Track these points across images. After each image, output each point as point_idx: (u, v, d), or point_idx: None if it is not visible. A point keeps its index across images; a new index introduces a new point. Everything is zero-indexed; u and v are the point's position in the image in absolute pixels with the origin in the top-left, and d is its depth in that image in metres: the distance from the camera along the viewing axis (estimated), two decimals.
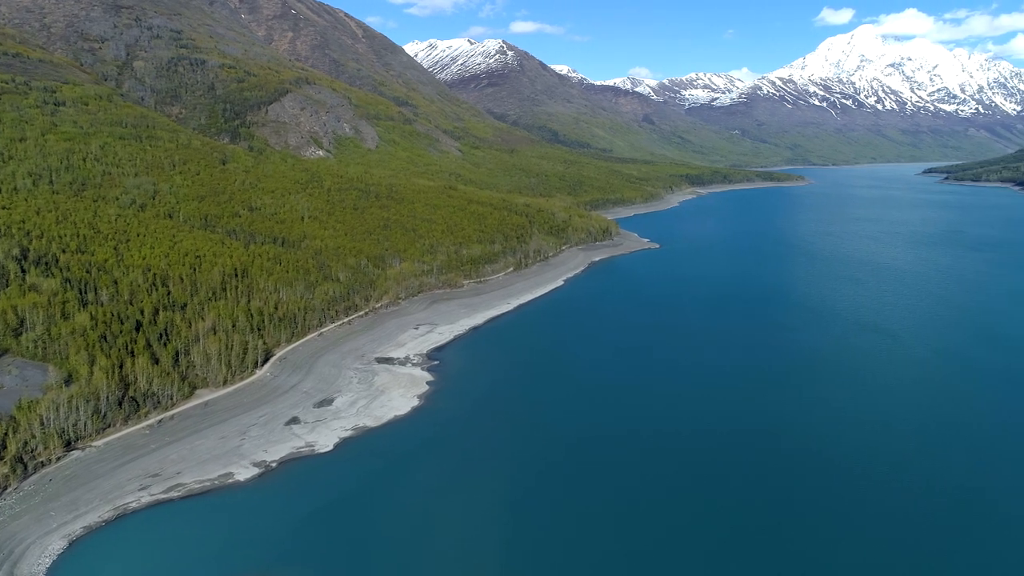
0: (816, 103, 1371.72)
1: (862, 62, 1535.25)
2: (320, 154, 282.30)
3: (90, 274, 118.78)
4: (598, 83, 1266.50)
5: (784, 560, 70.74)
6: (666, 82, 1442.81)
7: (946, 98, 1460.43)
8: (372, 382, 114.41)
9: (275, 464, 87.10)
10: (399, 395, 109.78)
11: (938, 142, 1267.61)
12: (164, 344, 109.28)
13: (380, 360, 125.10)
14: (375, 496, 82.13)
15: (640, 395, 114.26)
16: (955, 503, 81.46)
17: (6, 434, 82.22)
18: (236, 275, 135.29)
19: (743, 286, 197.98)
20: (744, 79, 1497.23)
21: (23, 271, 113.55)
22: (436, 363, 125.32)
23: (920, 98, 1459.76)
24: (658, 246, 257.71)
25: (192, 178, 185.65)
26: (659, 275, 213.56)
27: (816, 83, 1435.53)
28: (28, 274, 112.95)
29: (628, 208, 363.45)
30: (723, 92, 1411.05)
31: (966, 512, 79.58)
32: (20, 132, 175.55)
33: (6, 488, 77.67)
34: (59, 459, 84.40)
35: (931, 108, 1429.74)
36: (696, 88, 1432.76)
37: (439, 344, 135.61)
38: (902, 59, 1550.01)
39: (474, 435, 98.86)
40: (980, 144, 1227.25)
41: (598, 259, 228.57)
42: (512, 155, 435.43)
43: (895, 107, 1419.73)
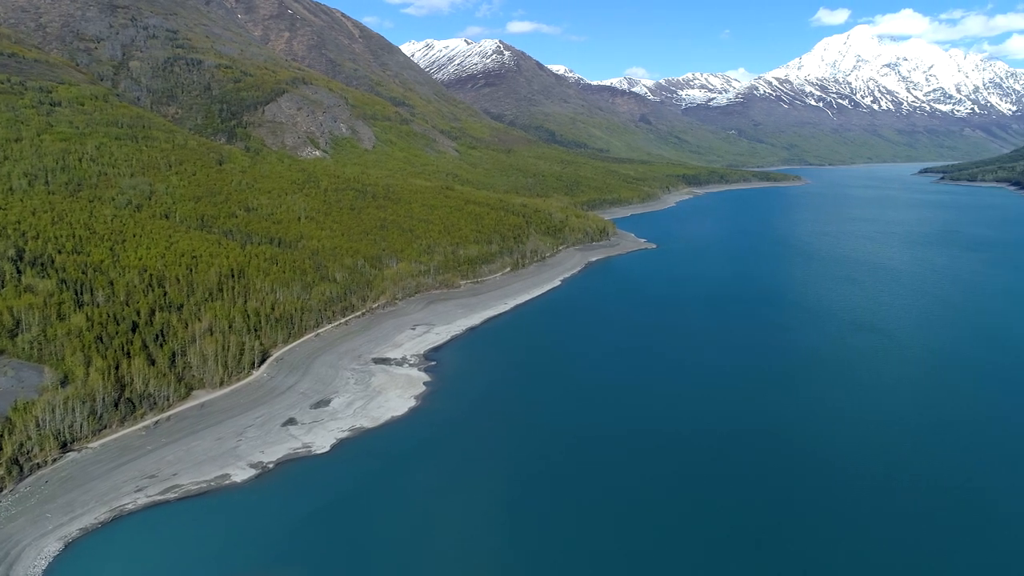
0: (812, 103, 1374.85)
1: (858, 62, 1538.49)
2: (317, 154, 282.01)
3: (86, 275, 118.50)
4: (595, 83, 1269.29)
5: (783, 560, 70.82)
6: (663, 82, 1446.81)
7: (942, 98, 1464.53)
8: (369, 383, 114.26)
9: (272, 465, 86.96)
10: (396, 396, 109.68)
11: (934, 142, 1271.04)
12: (160, 345, 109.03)
13: (377, 361, 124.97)
14: (372, 497, 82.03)
15: (638, 395, 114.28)
16: (953, 502, 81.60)
17: (1, 436, 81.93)
18: (233, 276, 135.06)
19: (740, 286, 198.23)
20: (741, 79, 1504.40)
21: (19, 272, 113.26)
22: (433, 364, 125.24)
23: (916, 98, 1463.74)
24: (655, 246, 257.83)
25: (188, 179, 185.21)
26: (656, 275, 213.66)
27: (812, 83, 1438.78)
28: (24, 275, 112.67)
29: (625, 208, 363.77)
30: (720, 92, 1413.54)
31: (964, 511, 79.68)
32: (16, 132, 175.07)
33: (1, 490, 77.42)
34: (55, 461, 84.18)
35: (927, 108, 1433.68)
36: (693, 88, 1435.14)
37: (436, 344, 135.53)
38: (898, 59, 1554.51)
39: (471, 436, 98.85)
40: (976, 144, 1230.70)
41: (595, 259, 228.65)
42: (509, 155, 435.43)
43: (891, 107, 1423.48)
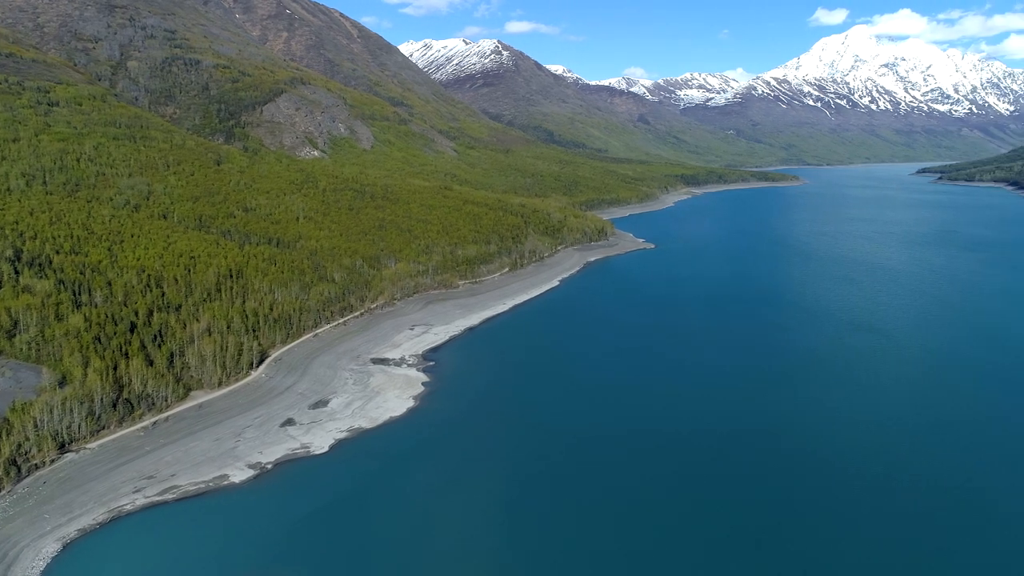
0: (810, 103, 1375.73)
1: (856, 62, 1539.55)
2: (315, 154, 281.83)
3: (84, 275, 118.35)
4: (593, 83, 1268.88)
5: (783, 560, 70.88)
6: (661, 82, 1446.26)
7: (940, 98, 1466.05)
8: (367, 383, 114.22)
9: (270, 466, 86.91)
10: (395, 396, 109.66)
11: (932, 142, 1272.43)
12: (159, 346, 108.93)
13: (375, 361, 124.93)
14: (371, 497, 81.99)
15: (637, 395, 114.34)
16: (953, 502, 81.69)
17: None
18: (231, 276, 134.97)
19: (739, 286, 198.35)
20: (739, 79, 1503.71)
21: (16, 272, 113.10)
22: (432, 364, 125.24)
23: (914, 98, 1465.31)
24: (653, 246, 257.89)
25: (186, 179, 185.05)
26: (655, 275, 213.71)
27: (810, 83, 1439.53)
28: (21, 275, 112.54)
29: (623, 208, 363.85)
30: (718, 92, 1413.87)
31: (964, 511, 79.77)
32: (13, 132, 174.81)
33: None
34: (53, 461, 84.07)
35: (925, 108, 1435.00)
36: (691, 88, 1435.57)
37: (435, 345, 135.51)
38: (896, 59, 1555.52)
39: (470, 436, 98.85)
40: (974, 144, 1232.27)
41: (594, 259, 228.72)
42: (507, 155, 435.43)
43: (889, 107, 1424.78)
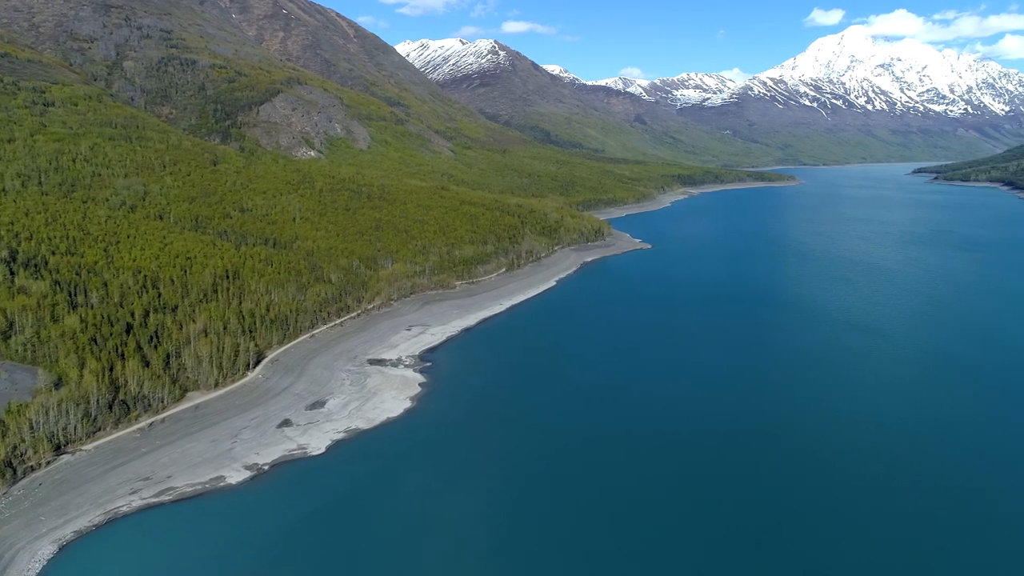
0: (807, 103, 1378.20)
1: (852, 62, 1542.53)
2: (312, 155, 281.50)
3: (80, 276, 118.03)
4: (590, 83, 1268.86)
5: (783, 560, 70.97)
6: (657, 82, 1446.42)
7: (935, 98, 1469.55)
8: (364, 384, 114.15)
9: (267, 467, 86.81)
10: (391, 397, 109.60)
11: (928, 142, 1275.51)
12: (155, 347, 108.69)
13: (372, 362, 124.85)
14: (368, 499, 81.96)
15: (634, 395, 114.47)
16: (952, 502, 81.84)
17: None
18: (227, 277, 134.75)
19: (735, 286, 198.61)
20: (735, 79, 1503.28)
21: (12, 273, 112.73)
22: (428, 364, 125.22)
23: (910, 98, 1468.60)
24: (650, 246, 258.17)
25: (183, 179, 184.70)
26: (651, 275, 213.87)
27: (807, 83, 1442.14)
28: (17, 276, 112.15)
29: (620, 208, 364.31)
30: (714, 92, 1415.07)
31: (963, 511, 79.96)
32: (9, 133, 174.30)
33: None
34: (49, 463, 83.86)
35: (920, 108, 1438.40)
36: (687, 88, 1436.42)
37: (431, 345, 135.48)
38: (892, 60, 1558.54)
39: (467, 436, 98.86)
40: (969, 144, 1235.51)
41: (590, 259, 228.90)
42: (504, 155, 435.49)
43: (885, 107, 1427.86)
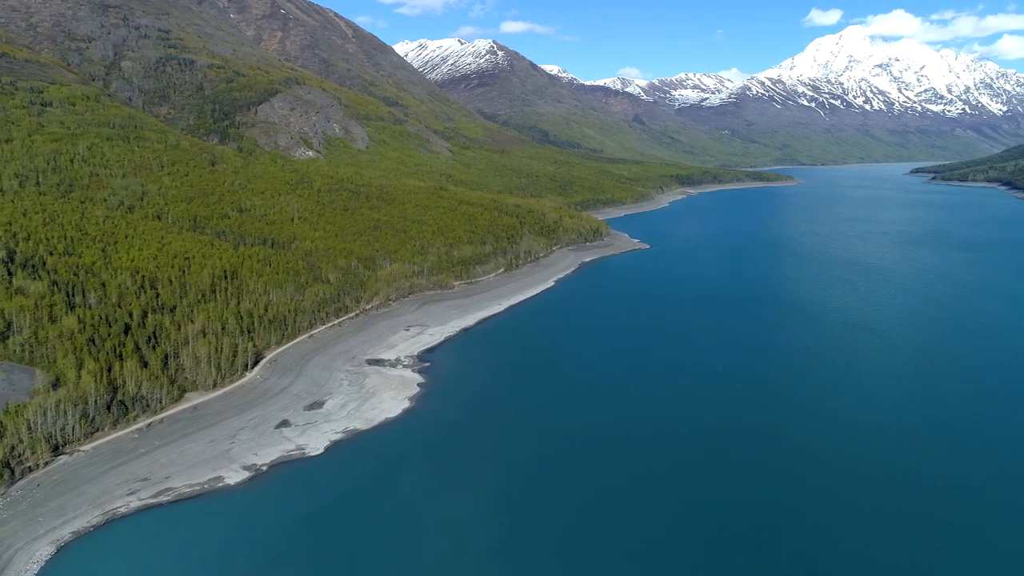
0: (805, 103, 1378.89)
1: (850, 63, 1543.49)
2: (310, 155, 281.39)
3: (78, 276, 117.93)
4: (588, 83, 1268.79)
5: (783, 560, 71.06)
6: (656, 82, 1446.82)
7: (933, 98, 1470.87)
8: (363, 384, 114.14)
9: (265, 467, 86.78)
10: (390, 397, 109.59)
11: (925, 142, 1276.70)
12: (153, 347, 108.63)
13: (371, 362, 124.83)
14: (366, 499, 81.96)
15: (633, 395, 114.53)
16: (952, 501, 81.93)
17: None
18: (226, 277, 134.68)
19: (734, 286, 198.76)
20: (733, 79, 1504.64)
21: (10, 274, 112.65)
22: (427, 365, 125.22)
23: (908, 98, 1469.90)
24: (648, 246, 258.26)
25: (181, 179, 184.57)
26: (650, 275, 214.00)
27: (805, 83, 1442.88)
28: (15, 277, 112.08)
29: (618, 208, 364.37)
30: (713, 92, 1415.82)
31: (963, 510, 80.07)
32: (6, 133, 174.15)
33: None
34: (47, 464, 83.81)
35: (918, 108, 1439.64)
36: (686, 88, 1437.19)
37: (430, 346, 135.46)
38: (890, 60, 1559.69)
39: (465, 437, 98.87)
40: (967, 144, 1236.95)
41: (589, 260, 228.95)
42: (502, 155, 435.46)
43: (883, 107, 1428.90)
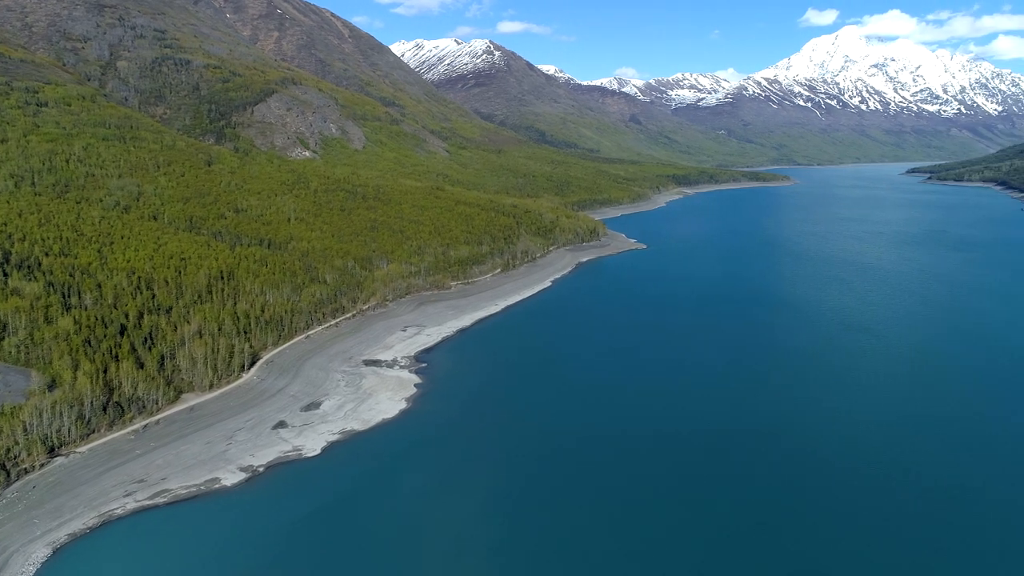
0: (801, 103, 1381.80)
1: (846, 63, 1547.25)
2: (306, 155, 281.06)
3: (73, 277, 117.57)
4: (585, 83, 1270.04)
5: (781, 559, 71.14)
6: (652, 82, 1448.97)
7: (929, 98, 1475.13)
8: (360, 385, 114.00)
9: (262, 469, 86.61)
10: (387, 398, 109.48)
11: (921, 142, 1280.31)
12: (149, 348, 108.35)
13: (368, 362, 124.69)
14: (364, 500, 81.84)
15: (629, 395, 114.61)
16: (952, 500, 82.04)
17: None
18: (222, 277, 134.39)
19: (730, 286, 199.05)
20: (730, 79, 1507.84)
21: (5, 275, 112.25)
22: (424, 365, 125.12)
23: (903, 98, 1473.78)
24: (645, 246, 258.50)
25: (177, 179, 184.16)
26: (647, 275, 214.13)
27: (801, 83, 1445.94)
28: (10, 278, 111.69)
29: (615, 208, 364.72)
30: (709, 92, 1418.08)
31: (962, 510, 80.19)
32: (2, 133, 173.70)
33: None
34: (42, 466, 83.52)
35: (914, 108, 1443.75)
36: (682, 88, 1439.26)
37: (427, 346, 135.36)
38: (885, 60, 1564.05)
39: (463, 437, 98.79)
40: (962, 144, 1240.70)
41: (586, 260, 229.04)
42: (499, 155, 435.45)
43: (879, 107, 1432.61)
